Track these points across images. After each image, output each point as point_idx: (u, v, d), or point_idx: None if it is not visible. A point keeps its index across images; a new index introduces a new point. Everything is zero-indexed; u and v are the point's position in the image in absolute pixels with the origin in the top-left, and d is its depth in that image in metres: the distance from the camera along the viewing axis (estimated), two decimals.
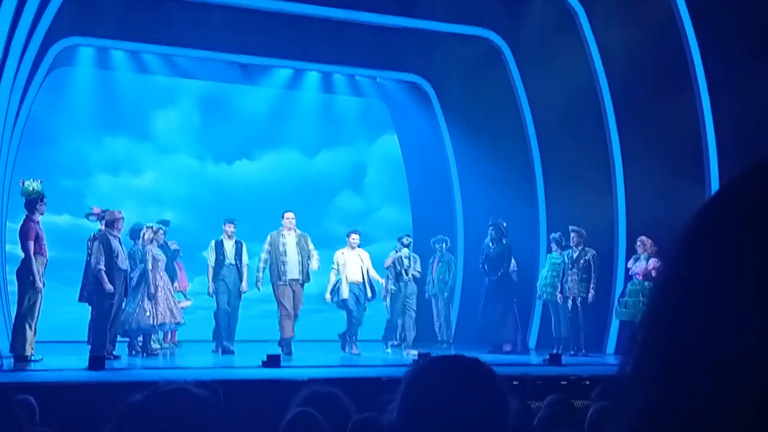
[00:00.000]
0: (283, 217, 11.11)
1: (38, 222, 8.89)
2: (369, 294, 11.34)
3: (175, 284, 11.33)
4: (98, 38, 13.20)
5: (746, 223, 0.60)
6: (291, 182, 14.71)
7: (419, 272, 12.03)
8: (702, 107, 10.15)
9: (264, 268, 10.93)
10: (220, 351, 10.95)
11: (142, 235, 10.56)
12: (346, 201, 15.42)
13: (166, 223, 11.50)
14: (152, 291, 10.21)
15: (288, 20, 12.96)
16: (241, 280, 11.23)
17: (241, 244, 11.41)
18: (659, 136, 10.98)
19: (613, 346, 11.27)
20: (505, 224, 11.59)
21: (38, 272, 8.63)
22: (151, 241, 10.50)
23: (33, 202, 8.85)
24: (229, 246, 11.32)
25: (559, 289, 11.18)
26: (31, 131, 12.87)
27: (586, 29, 11.84)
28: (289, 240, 10.92)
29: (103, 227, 9.78)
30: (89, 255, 9.70)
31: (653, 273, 10.13)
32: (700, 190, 10.01)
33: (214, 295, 11.15)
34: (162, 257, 10.70)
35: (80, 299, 9.89)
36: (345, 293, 11.16)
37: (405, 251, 11.93)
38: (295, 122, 15.14)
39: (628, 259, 10.86)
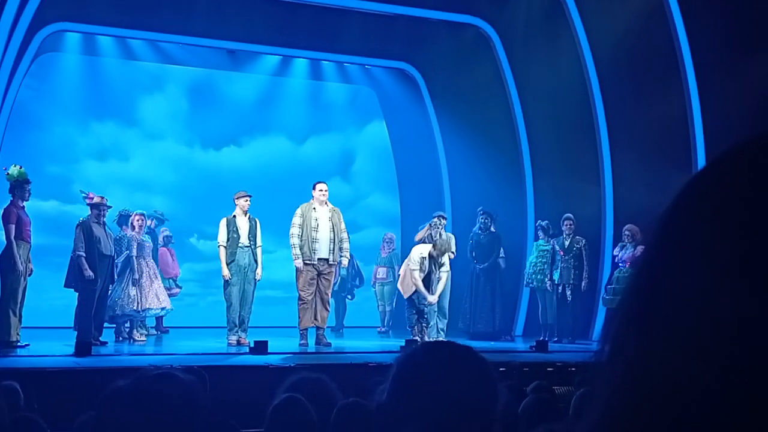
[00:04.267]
0: (314, 188, 10.03)
1: (23, 207, 8.91)
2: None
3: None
4: (85, 24, 13.09)
5: (722, 202, 0.60)
6: (279, 169, 14.68)
7: None
8: (690, 96, 10.16)
9: (298, 245, 9.72)
10: (236, 343, 9.66)
11: (131, 221, 10.55)
12: (335, 188, 15.30)
13: (159, 216, 11.30)
14: (136, 277, 10.21)
15: (276, 6, 12.91)
16: (256, 264, 9.97)
17: (256, 222, 10.12)
18: (647, 125, 11.00)
19: (599, 334, 11.32)
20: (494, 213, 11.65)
21: (19, 256, 8.62)
22: (139, 228, 10.49)
23: (15, 186, 8.86)
24: (242, 223, 10.00)
25: (548, 276, 11.21)
26: (17, 117, 12.78)
27: (575, 17, 11.82)
28: (321, 214, 9.90)
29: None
30: None
31: None
32: (687, 179, 9.99)
33: (226, 283, 9.86)
34: (149, 243, 10.67)
35: (66, 285, 9.87)
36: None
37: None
38: (283, 109, 15.09)
39: (614, 247, 10.91)
